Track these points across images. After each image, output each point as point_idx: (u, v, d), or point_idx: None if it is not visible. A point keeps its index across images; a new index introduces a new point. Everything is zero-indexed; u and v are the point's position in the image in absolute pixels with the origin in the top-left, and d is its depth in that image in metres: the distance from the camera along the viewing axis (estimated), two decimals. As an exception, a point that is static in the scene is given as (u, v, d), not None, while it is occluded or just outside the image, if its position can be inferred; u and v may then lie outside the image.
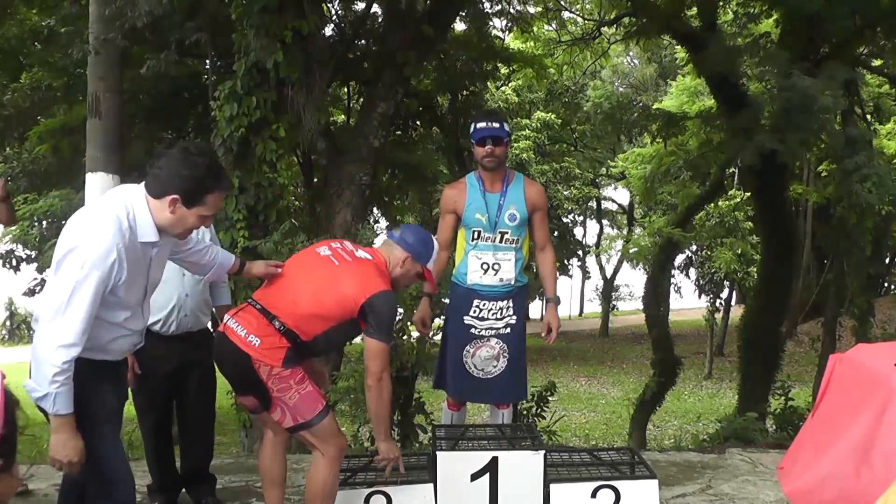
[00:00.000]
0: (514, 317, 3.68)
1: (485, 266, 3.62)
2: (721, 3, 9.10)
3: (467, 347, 3.65)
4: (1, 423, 1.29)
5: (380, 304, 2.76)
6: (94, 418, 2.40)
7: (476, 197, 3.63)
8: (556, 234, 23.16)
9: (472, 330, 3.65)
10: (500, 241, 3.62)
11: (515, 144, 18.68)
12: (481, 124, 3.59)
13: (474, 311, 3.64)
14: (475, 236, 3.64)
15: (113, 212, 2.34)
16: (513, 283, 3.65)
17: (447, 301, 3.99)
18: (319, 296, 2.76)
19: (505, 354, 3.66)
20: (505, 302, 3.65)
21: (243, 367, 2.72)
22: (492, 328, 3.65)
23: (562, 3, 11.73)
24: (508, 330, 3.66)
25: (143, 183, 2.42)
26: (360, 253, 2.94)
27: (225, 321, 2.83)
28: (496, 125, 3.58)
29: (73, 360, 2.25)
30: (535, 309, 30.84)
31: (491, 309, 3.64)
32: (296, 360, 2.74)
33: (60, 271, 2.28)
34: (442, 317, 4.04)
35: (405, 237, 2.99)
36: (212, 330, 3.62)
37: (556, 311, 3.79)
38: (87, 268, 2.25)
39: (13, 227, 10.45)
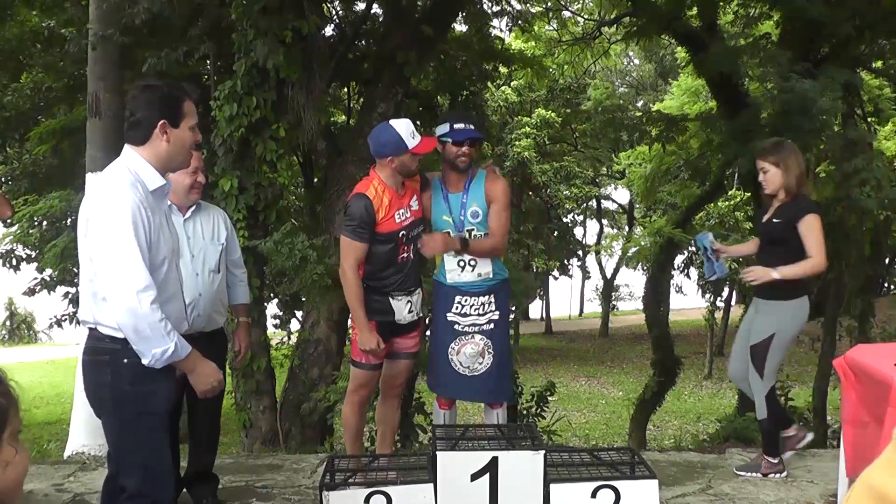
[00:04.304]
0: (497, 312, 3.68)
1: (461, 264, 3.63)
2: (721, 4, 9.10)
3: (452, 345, 3.66)
4: None
5: (348, 205, 3.46)
6: (152, 416, 2.39)
7: (439, 200, 3.66)
8: (556, 233, 23.14)
9: (456, 326, 3.66)
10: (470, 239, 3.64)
11: (517, 143, 18.69)
12: (459, 125, 3.59)
13: (456, 308, 3.65)
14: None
15: (120, 174, 2.38)
16: (491, 275, 3.65)
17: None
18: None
19: (490, 350, 3.66)
20: (486, 297, 3.66)
21: None
22: (475, 324, 3.65)
23: (561, 2, 11.73)
24: (492, 326, 3.67)
25: (125, 145, 2.46)
26: None
27: None
28: (472, 127, 3.62)
29: (158, 303, 2.25)
30: (535, 309, 30.85)
31: (473, 305, 3.65)
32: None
33: (97, 241, 2.28)
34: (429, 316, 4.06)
35: (372, 149, 3.50)
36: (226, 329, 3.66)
37: (466, 242, 3.56)
38: (120, 221, 2.25)
39: (14, 228, 10.47)
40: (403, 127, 3.43)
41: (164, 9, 6.80)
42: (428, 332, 4.24)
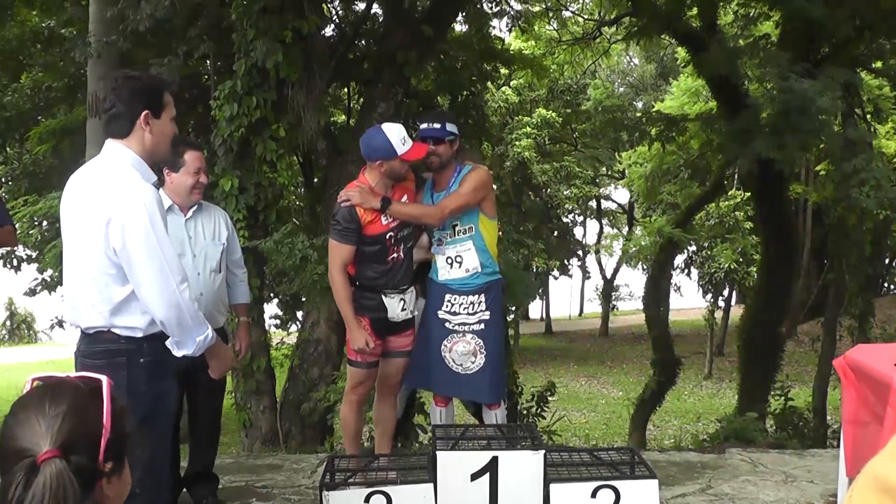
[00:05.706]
0: (488, 312, 3.68)
1: (449, 261, 3.66)
2: (721, 4, 9.11)
3: (444, 342, 3.67)
4: (108, 426, 1.29)
5: (335, 208, 3.49)
6: (164, 416, 2.41)
7: (427, 200, 3.69)
8: (556, 233, 23.15)
9: (447, 324, 3.67)
10: (455, 235, 3.65)
11: (517, 143, 18.70)
12: (423, 125, 3.61)
13: (446, 306, 3.67)
14: (435, 236, 3.72)
15: (127, 172, 2.33)
16: (479, 270, 3.65)
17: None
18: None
19: (482, 350, 3.66)
20: (476, 297, 3.66)
21: None
22: (465, 323, 3.66)
23: (561, 2, 11.74)
24: (482, 326, 3.66)
25: (106, 140, 2.41)
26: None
27: None
28: (437, 125, 3.58)
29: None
30: (535, 309, 30.86)
31: (462, 304, 3.66)
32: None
33: (133, 244, 2.24)
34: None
35: (362, 151, 3.48)
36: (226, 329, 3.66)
37: (388, 201, 3.48)
38: (151, 220, 2.25)
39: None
40: (395, 132, 3.40)
41: (167, 13, 6.80)
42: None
